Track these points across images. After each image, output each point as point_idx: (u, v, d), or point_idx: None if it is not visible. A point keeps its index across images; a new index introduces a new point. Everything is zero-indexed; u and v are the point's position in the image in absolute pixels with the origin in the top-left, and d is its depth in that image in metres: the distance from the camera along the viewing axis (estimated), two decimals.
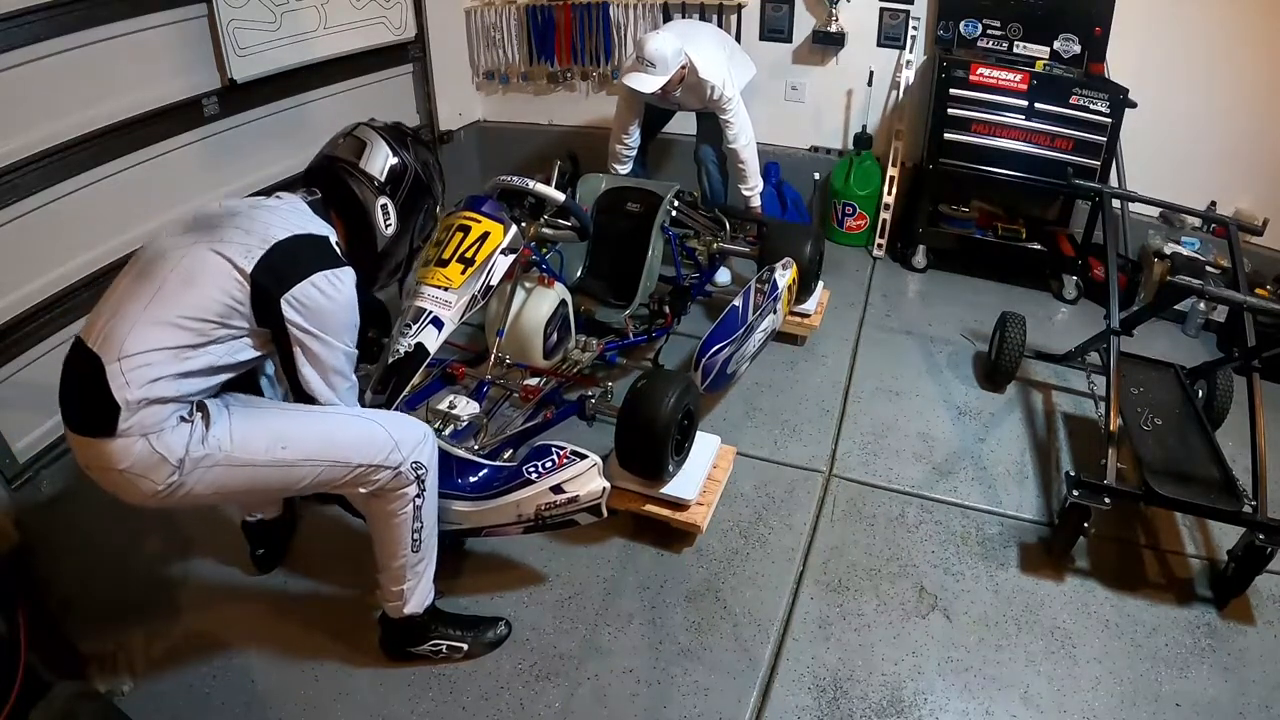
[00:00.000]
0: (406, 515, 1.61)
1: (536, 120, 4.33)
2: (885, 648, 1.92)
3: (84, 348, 1.35)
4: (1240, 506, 1.98)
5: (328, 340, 1.44)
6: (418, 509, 1.61)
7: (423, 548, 1.66)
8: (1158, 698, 1.81)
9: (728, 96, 3.06)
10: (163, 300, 1.33)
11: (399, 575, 1.69)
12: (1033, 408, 2.80)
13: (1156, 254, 3.27)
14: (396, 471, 1.55)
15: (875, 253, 3.82)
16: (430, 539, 1.68)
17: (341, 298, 1.44)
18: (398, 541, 1.63)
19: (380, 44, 3.59)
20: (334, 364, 1.47)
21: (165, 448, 1.34)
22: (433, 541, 1.70)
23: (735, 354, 2.42)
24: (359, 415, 1.56)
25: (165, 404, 1.33)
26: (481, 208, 2.14)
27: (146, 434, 1.32)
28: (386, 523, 1.61)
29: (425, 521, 1.64)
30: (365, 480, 1.53)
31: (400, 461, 1.55)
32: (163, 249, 1.40)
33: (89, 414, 1.32)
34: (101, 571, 2.11)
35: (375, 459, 1.52)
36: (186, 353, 1.33)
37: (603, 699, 1.79)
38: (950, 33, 3.48)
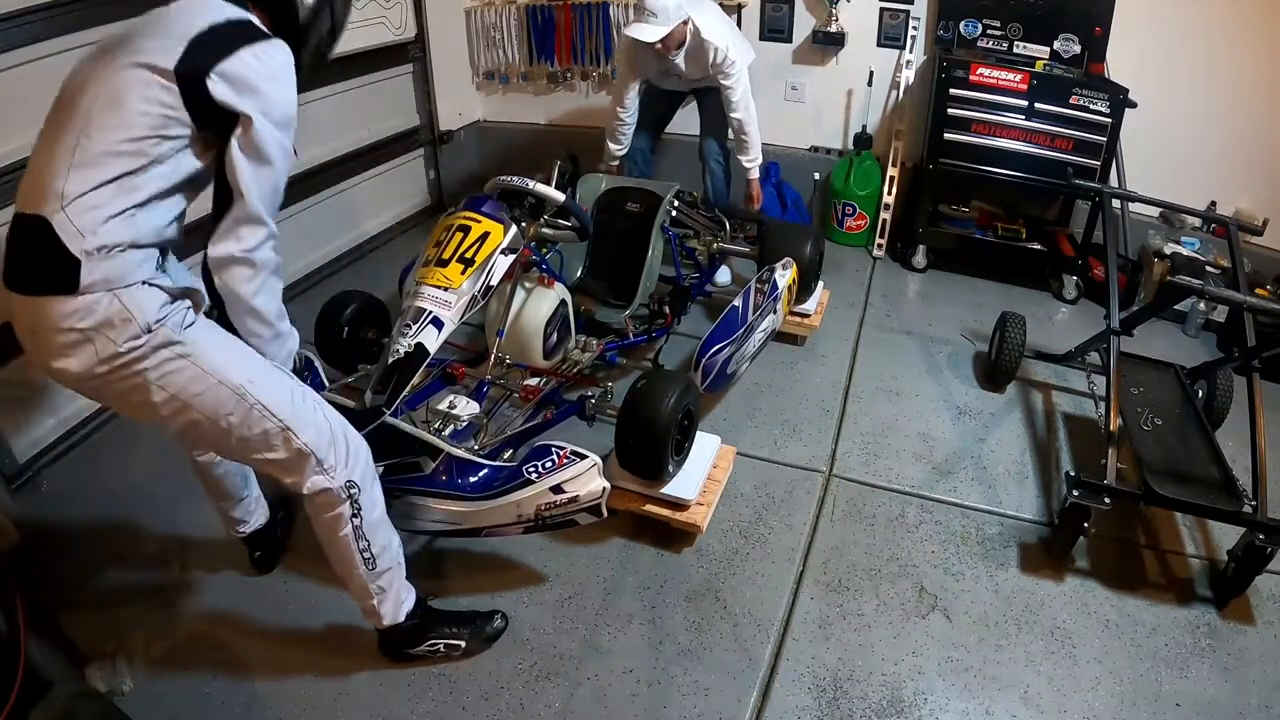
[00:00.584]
0: (349, 535, 1.54)
1: (536, 120, 4.34)
2: (885, 648, 1.92)
3: (23, 217, 1.22)
4: (1240, 506, 1.98)
5: (264, 122, 1.24)
6: (357, 529, 1.54)
7: (378, 564, 1.60)
8: (1158, 698, 1.81)
9: (730, 59, 3.03)
10: (91, 133, 1.19)
11: (362, 592, 1.65)
12: (1033, 408, 2.80)
13: (1156, 254, 3.27)
14: (329, 476, 1.46)
15: (875, 253, 3.82)
16: (385, 554, 1.62)
17: (274, 65, 1.27)
18: (349, 560, 1.58)
19: (380, 44, 3.60)
20: (270, 154, 1.27)
21: (135, 305, 1.23)
22: (390, 555, 1.64)
23: (735, 354, 2.42)
24: (321, 404, 1.49)
25: (126, 251, 1.22)
26: (481, 208, 2.15)
27: (113, 288, 1.21)
28: (333, 542, 1.56)
29: (372, 539, 1.57)
30: (295, 467, 1.44)
31: (333, 466, 1.47)
32: (77, 83, 1.24)
33: (44, 272, 1.19)
34: (101, 572, 2.11)
35: (317, 449, 1.44)
36: (131, 181, 1.21)
37: (603, 699, 1.79)
38: (950, 33, 3.49)
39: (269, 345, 1.38)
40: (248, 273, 1.29)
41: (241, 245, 1.27)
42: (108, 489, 2.38)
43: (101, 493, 2.37)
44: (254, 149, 1.25)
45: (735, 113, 3.16)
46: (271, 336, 1.37)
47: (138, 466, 2.47)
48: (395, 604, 1.71)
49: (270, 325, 1.35)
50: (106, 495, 2.36)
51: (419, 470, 1.83)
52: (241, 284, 1.29)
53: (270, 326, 1.35)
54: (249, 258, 1.28)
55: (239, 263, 1.27)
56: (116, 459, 2.51)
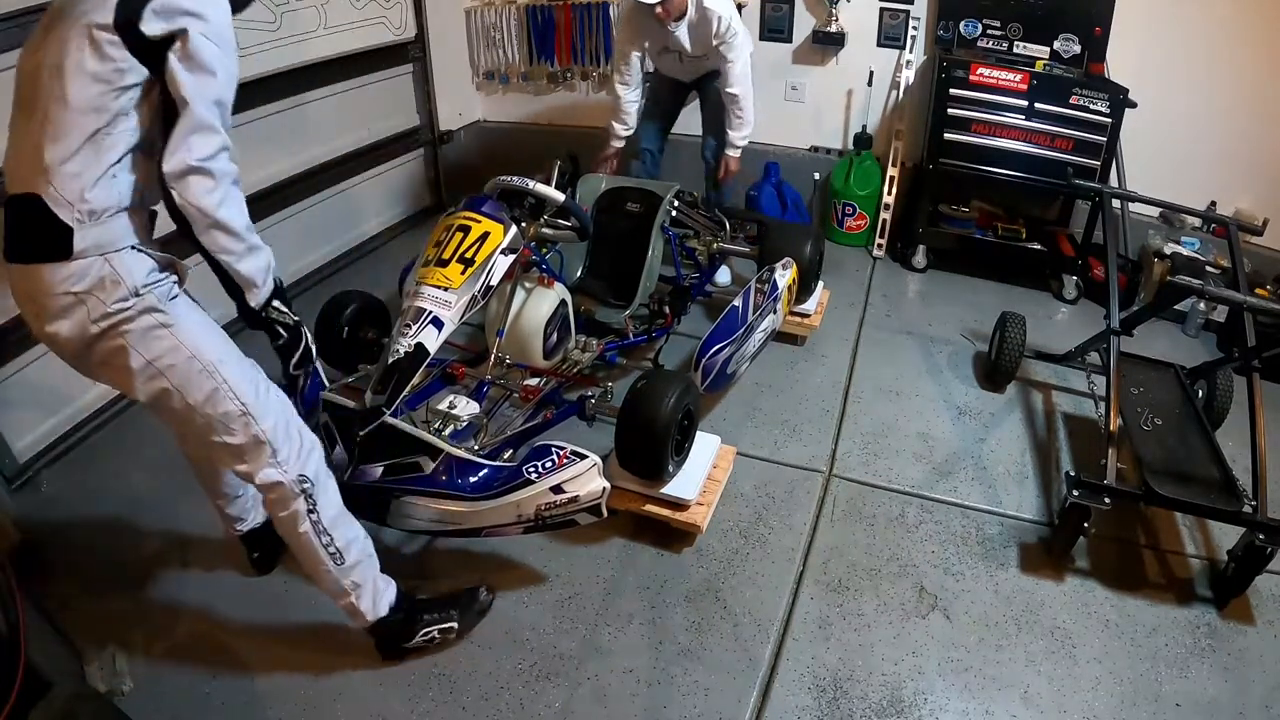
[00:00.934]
0: (309, 531, 1.54)
1: (536, 120, 4.33)
2: (885, 648, 1.92)
3: (15, 197, 1.26)
4: (1240, 506, 1.98)
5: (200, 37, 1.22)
6: (316, 524, 1.54)
7: (345, 558, 1.60)
8: (1158, 698, 1.81)
9: (734, 30, 3.00)
10: (54, 104, 1.21)
11: (336, 590, 1.65)
12: (1033, 408, 2.80)
13: (1156, 254, 3.27)
14: (281, 469, 1.48)
15: (875, 253, 3.82)
16: (351, 548, 1.62)
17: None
18: (315, 557, 1.58)
19: (380, 44, 3.60)
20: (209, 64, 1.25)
21: (124, 269, 1.28)
22: (357, 549, 1.63)
23: (735, 354, 2.42)
24: (282, 399, 1.51)
25: (115, 216, 1.27)
26: (481, 208, 2.15)
27: (104, 253, 1.27)
28: (295, 541, 1.57)
29: (335, 535, 1.57)
30: (250, 454, 1.47)
31: (286, 458, 1.48)
32: (31, 61, 1.27)
33: (39, 242, 1.25)
34: (101, 571, 2.11)
35: (273, 438, 1.47)
36: (102, 140, 1.23)
37: (603, 699, 1.79)
38: (950, 33, 3.49)
39: (243, 261, 1.34)
40: (208, 183, 1.25)
41: (195, 154, 1.24)
42: (108, 489, 2.38)
43: (101, 493, 2.37)
44: (191, 59, 1.22)
45: (733, 88, 3.12)
46: (244, 250, 1.34)
47: (138, 466, 2.47)
48: (374, 598, 1.69)
49: (240, 238, 1.32)
50: (106, 495, 2.36)
51: (419, 470, 1.83)
52: (202, 196, 1.25)
53: (240, 239, 1.32)
54: (205, 167, 1.25)
55: (196, 172, 1.24)
56: (116, 459, 2.51)
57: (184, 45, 1.21)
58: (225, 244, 1.31)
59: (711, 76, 3.24)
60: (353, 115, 3.58)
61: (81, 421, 2.60)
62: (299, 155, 3.34)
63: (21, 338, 2.37)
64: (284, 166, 3.27)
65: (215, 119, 1.26)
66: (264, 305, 1.41)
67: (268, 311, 1.42)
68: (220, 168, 1.27)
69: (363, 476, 1.83)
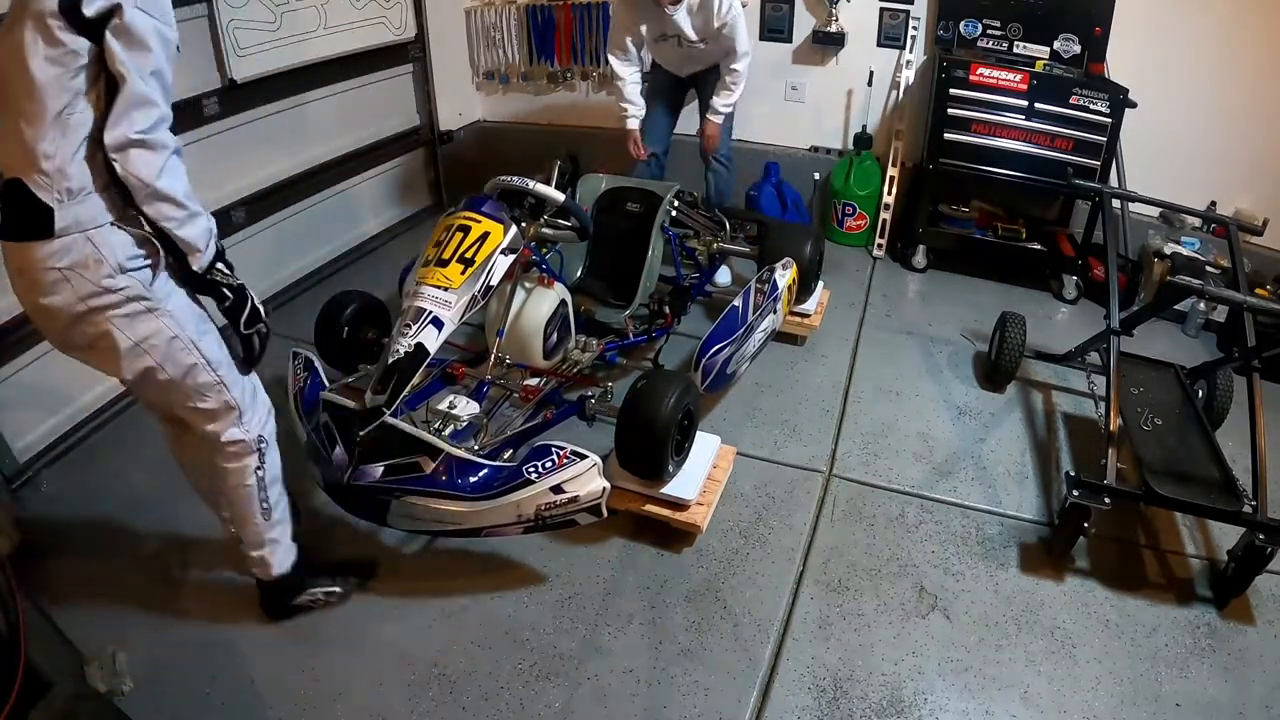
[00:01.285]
0: (252, 485, 1.72)
1: (536, 120, 4.33)
2: (885, 648, 1.92)
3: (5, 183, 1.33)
4: (1240, 506, 1.98)
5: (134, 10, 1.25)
6: (260, 480, 1.72)
7: (273, 515, 1.79)
8: (1158, 698, 1.81)
9: (735, 12, 2.97)
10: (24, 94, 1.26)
11: (256, 541, 1.80)
12: (1033, 408, 2.80)
13: (1156, 254, 3.27)
14: (244, 429, 1.66)
15: (875, 253, 3.82)
16: (279, 507, 1.80)
17: None
18: (249, 508, 1.75)
19: (380, 44, 3.60)
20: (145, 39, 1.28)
21: (106, 246, 1.35)
22: (282, 509, 1.82)
23: (735, 354, 2.42)
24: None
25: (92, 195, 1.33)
26: (481, 208, 2.15)
27: (85, 229, 1.34)
28: (237, 490, 1.72)
29: (270, 492, 1.76)
30: (219, 417, 1.63)
31: (250, 421, 1.67)
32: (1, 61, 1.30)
33: (26, 222, 1.32)
34: (101, 571, 2.11)
35: (242, 403, 1.65)
36: (67, 118, 1.28)
37: (603, 699, 1.79)
38: (950, 33, 3.49)
39: (184, 227, 1.39)
40: (147, 155, 1.29)
41: (135, 127, 1.28)
42: (108, 489, 2.38)
43: (101, 493, 2.37)
44: (127, 34, 1.25)
45: (737, 64, 3.08)
46: (185, 217, 1.38)
47: (138, 466, 2.47)
48: (284, 553, 1.86)
49: (180, 205, 1.37)
50: (106, 495, 2.36)
51: (419, 470, 1.83)
52: (142, 167, 1.30)
53: (181, 207, 1.37)
54: (145, 139, 1.29)
55: (136, 145, 1.28)
56: (116, 459, 2.51)
57: (119, 20, 1.24)
58: (167, 212, 1.36)
59: (709, 73, 3.23)
60: (353, 115, 3.58)
61: (81, 421, 2.60)
62: (299, 155, 3.34)
63: (22, 338, 2.37)
64: (284, 166, 3.26)
65: (153, 92, 1.29)
66: (207, 269, 1.46)
67: (212, 274, 1.47)
68: (159, 139, 1.31)
69: (363, 476, 1.83)
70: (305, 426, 2.07)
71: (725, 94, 3.17)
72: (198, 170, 2.98)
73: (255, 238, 3.20)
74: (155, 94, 1.29)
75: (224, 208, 3.02)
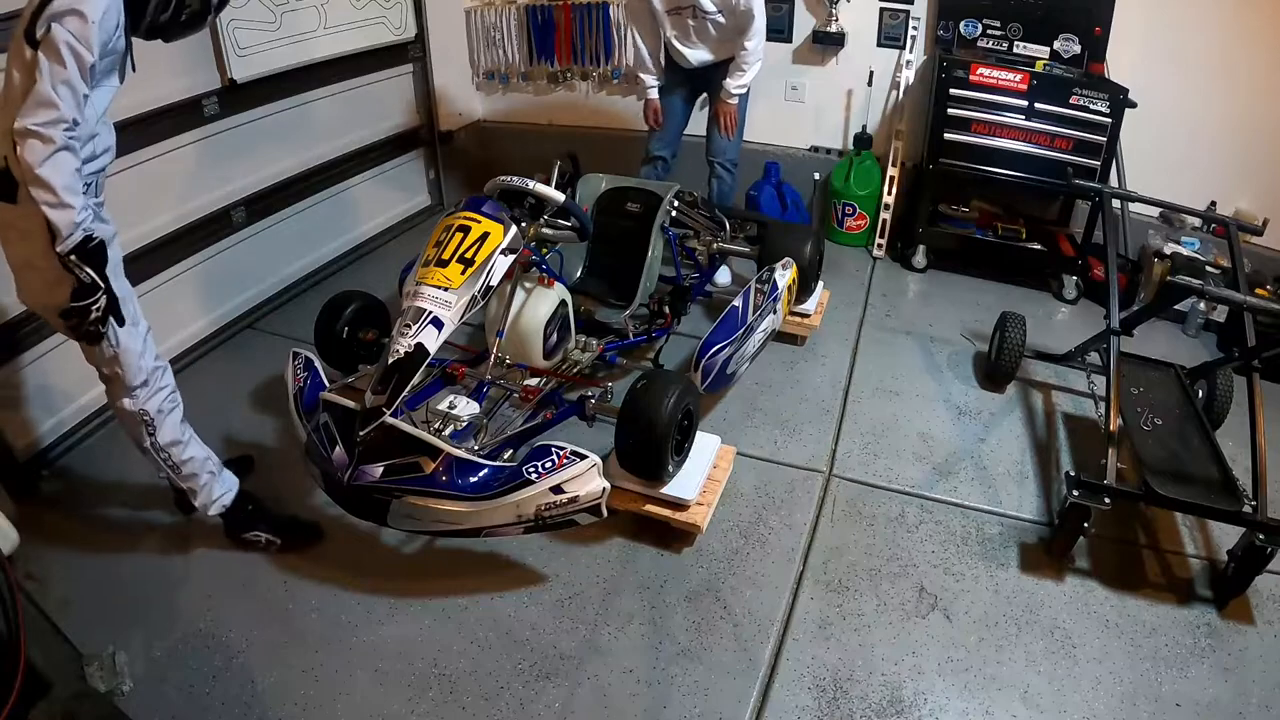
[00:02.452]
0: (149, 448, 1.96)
1: (536, 120, 4.33)
2: (885, 648, 1.92)
3: None
4: (1240, 506, 1.98)
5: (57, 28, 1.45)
6: (155, 443, 1.96)
7: (182, 470, 2.00)
8: (1158, 698, 1.81)
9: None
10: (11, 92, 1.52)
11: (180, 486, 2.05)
12: (1033, 408, 2.80)
13: (1156, 254, 3.27)
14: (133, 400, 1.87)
15: (875, 253, 3.82)
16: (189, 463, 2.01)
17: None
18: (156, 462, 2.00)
19: (380, 44, 3.60)
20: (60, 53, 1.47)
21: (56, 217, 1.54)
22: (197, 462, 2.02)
23: (735, 354, 2.42)
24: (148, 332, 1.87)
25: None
26: (481, 208, 2.15)
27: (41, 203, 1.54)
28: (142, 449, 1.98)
29: (170, 452, 1.98)
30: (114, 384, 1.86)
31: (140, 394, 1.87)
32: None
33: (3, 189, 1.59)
34: (101, 571, 2.11)
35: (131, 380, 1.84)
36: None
37: (603, 699, 1.79)
38: (950, 33, 3.49)
39: (53, 211, 1.54)
40: (38, 145, 1.48)
41: (33, 120, 1.47)
42: (108, 489, 2.39)
43: (102, 492, 2.37)
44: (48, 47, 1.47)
45: (751, 40, 3.05)
46: (57, 204, 1.53)
47: (138, 466, 2.46)
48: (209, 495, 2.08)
49: (55, 193, 1.52)
50: (107, 495, 2.36)
51: (419, 470, 1.83)
52: (31, 154, 1.48)
53: (55, 195, 1.52)
54: (39, 131, 1.47)
55: (31, 135, 1.47)
56: (116, 459, 2.51)
57: (46, 36, 1.47)
58: (42, 196, 1.52)
59: (719, 74, 3.21)
60: (353, 115, 3.58)
61: (81, 421, 2.60)
62: (299, 155, 3.34)
63: (22, 337, 2.37)
64: (284, 166, 3.26)
65: (61, 98, 1.48)
66: (65, 254, 1.59)
67: (68, 261, 1.60)
68: (52, 135, 1.49)
69: (363, 477, 1.83)
70: (305, 426, 2.07)
71: (739, 74, 3.14)
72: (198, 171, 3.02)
73: (255, 238, 3.20)
74: (63, 100, 1.48)
75: (224, 208, 3.02)
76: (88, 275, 1.63)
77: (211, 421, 2.65)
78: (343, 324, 2.52)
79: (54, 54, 1.46)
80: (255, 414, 2.69)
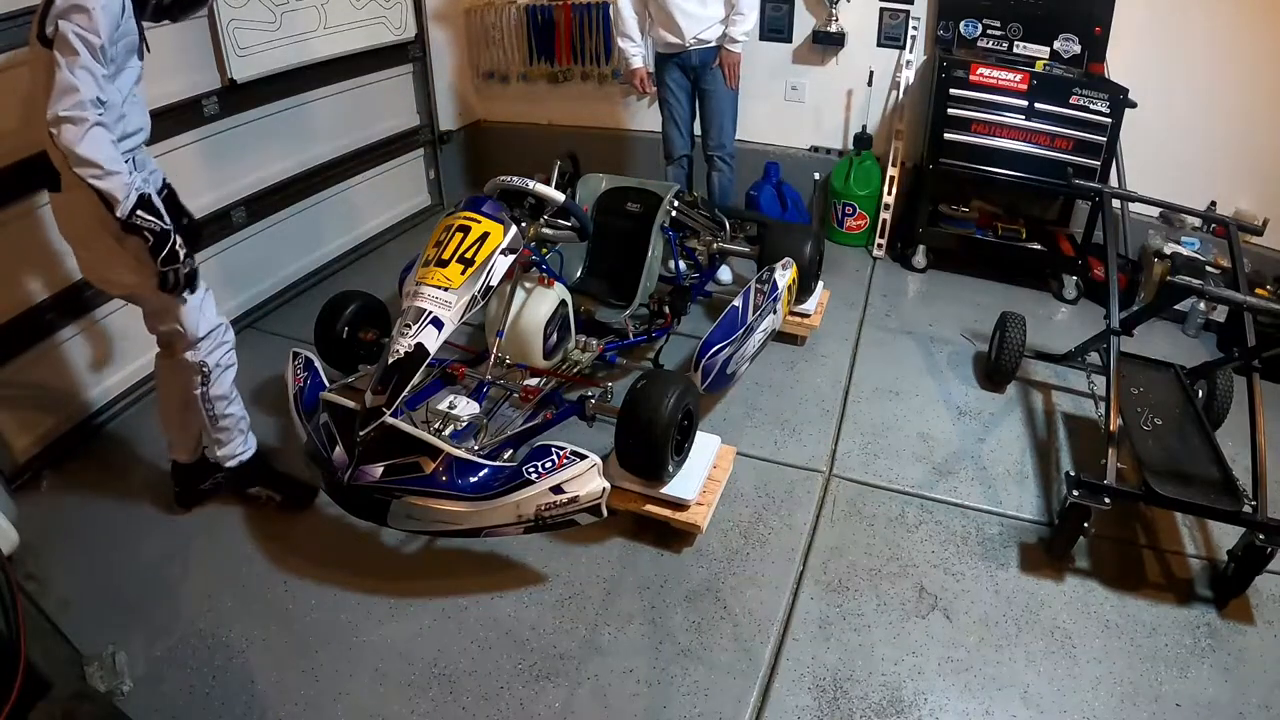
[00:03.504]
0: (198, 398, 2.07)
1: (536, 120, 4.33)
2: (885, 648, 1.92)
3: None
4: (1240, 506, 1.98)
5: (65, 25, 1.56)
6: (205, 394, 2.07)
7: (219, 423, 2.14)
8: (1158, 698, 1.81)
9: None
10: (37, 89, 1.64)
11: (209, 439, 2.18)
12: (1033, 408, 2.80)
13: (1156, 254, 3.27)
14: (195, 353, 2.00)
15: (875, 253, 3.82)
16: (226, 417, 2.14)
17: None
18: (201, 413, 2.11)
19: (380, 44, 3.60)
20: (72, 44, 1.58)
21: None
22: (232, 420, 2.16)
23: (735, 354, 2.42)
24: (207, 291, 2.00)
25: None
26: (481, 208, 2.15)
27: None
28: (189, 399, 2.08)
29: (215, 406, 2.10)
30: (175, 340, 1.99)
31: (202, 348, 2.00)
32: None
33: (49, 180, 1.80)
34: (101, 571, 2.11)
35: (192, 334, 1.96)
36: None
37: (603, 699, 1.79)
38: (950, 33, 3.49)
39: (103, 181, 1.64)
40: (71, 128, 1.59)
41: (62, 106, 1.58)
42: (108, 489, 2.39)
43: (102, 492, 2.37)
44: (61, 41, 1.59)
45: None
46: (103, 174, 1.64)
47: (138, 466, 2.47)
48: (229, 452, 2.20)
49: (98, 166, 1.63)
50: (107, 495, 2.36)
51: (419, 470, 1.83)
52: (68, 137, 1.59)
53: (98, 167, 1.63)
54: (70, 115, 1.59)
55: (64, 120, 1.59)
56: (117, 459, 2.52)
57: (56, 33, 1.59)
58: (88, 172, 1.63)
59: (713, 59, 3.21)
60: (353, 115, 3.58)
61: (81, 421, 2.60)
62: (299, 155, 3.34)
63: (22, 337, 2.37)
64: (284, 166, 3.26)
65: (81, 81, 1.59)
66: (128, 215, 1.69)
67: (133, 219, 1.70)
68: (83, 115, 1.60)
69: (363, 477, 1.83)
70: (305, 427, 2.07)
71: (739, 20, 3.12)
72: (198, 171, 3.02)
73: (255, 238, 3.20)
74: (80, 82, 1.59)
75: (224, 208, 3.02)
76: (155, 225, 1.74)
77: None
78: (343, 324, 2.52)
79: (65, 46, 1.58)
80: (256, 413, 2.66)
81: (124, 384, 2.73)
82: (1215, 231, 3.32)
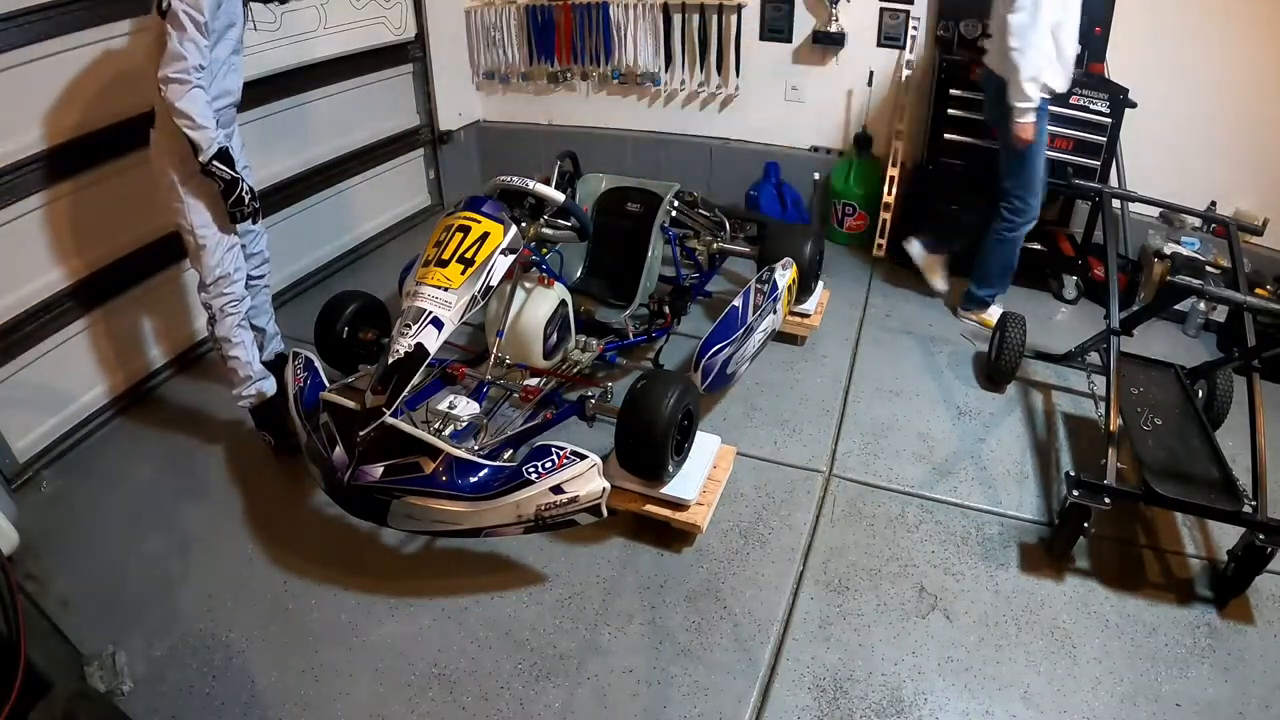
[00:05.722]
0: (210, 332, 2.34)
1: (536, 120, 4.33)
2: (885, 648, 1.92)
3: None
4: (1240, 506, 1.98)
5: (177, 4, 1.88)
6: (212, 332, 2.34)
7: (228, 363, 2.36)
8: (1158, 698, 1.81)
9: None
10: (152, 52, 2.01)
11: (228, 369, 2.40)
12: (1033, 408, 2.80)
13: (1156, 254, 3.27)
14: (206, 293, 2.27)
15: (875, 253, 3.82)
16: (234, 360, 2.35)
17: None
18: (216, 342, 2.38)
19: (380, 44, 3.60)
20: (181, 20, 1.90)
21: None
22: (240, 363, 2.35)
23: (735, 354, 2.42)
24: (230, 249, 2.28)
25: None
26: (481, 208, 2.15)
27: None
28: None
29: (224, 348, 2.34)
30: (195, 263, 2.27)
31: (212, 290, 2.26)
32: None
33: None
34: (101, 571, 2.11)
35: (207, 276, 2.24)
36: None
37: (603, 699, 1.79)
38: (950, 33, 3.48)
39: (193, 132, 1.99)
40: (175, 87, 1.94)
41: (170, 69, 1.94)
42: (108, 489, 2.39)
43: (101, 493, 2.37)
44: (173, 18, 1.92)
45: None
46: (194, 126, 1.98)
47: (138, 466, 2.47)
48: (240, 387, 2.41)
49: (192, 119, 1.97)
50: (107, 495, 2.36)
51: (419, 471, 1.83)
52: (172, 93, 1.95)
53: (192, 120, 1.98)
54: (176, 77, 1.94)
55: (171, 81, 1.94)
56: (117, 459, 2.52)
57: (170, 9, 1.92)
58: (184, 124, 1.98)
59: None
60: (353, 115, 3.58)
61: (81, 421, 2.60)
62: (299, 155, 3.34)
63: (22, 337, 2.37)
64: (285, 166, 3.26)
65: (187, 51, 1.93)
66: (206, 164, 2.04)
67: (209, 168, 2.05)
68: (186, 78, 1.95)
69: (363, 477, 1.84)
70: (305, 427, 2.07)
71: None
72: None
73: None
74: (187, 51, 1.93)
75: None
76: (227, 173, 2.08)
77: (212, 420, 2.66)
78: (343, 324, 2.52)
79: (176, 21, 1.91)
80: None
81: (124, 384, 2.73)
82: (1215, 231, 3.31)
